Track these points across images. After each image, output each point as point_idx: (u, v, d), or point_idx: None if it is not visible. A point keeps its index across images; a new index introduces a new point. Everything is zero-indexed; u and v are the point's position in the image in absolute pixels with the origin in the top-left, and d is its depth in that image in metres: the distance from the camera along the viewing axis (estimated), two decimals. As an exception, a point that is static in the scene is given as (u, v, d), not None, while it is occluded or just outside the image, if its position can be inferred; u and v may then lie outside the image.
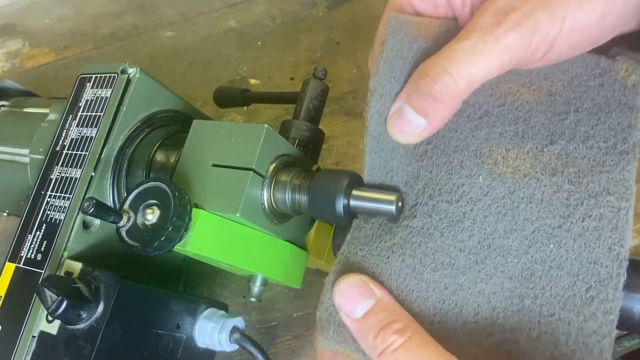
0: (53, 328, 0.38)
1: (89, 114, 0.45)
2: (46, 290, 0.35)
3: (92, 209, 0.34)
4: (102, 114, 0.44)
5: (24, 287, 0.41)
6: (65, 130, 0.45)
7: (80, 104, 0.46)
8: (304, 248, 0.45)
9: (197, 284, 0.58)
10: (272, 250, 0.42)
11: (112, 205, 0.44)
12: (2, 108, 0.58)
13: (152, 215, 0.36)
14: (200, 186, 0.39)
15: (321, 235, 0.47)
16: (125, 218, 0.36)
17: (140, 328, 0.39)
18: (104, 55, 0.83)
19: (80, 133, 0.45)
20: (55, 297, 0.35)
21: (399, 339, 0.29)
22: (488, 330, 0.31)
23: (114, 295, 0.37)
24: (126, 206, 0.37)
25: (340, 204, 0.35)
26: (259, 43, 0.78)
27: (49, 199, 0.43)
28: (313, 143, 0.45)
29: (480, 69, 0.31)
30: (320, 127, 0.46)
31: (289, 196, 0.39)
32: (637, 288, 0.33)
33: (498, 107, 0.35)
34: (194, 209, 0.37)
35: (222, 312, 0.44)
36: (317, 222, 0.46)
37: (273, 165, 0.39)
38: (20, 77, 0.81)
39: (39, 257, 0.41)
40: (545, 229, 0.32)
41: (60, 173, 0.44)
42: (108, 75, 0.46)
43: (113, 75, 0.45)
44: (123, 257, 0.42)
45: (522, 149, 0.34)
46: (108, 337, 0.37)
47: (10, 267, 0.42)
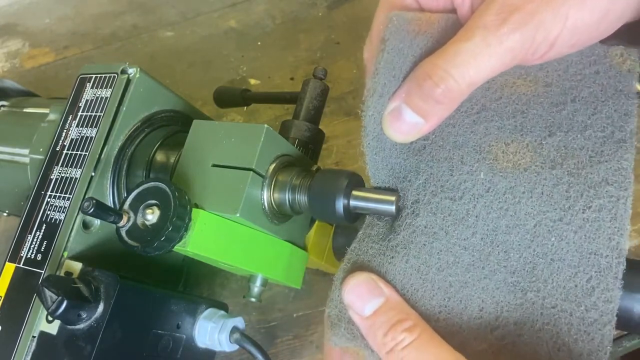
0: (53, 328, 0.38)
1: (89, 114, 0.45)
2: (46, 290, 0.35)
3: (92, 209, 0.34)
4: (102, 114, 0.44)
5: (24, 287, 0.41)
6: (65, 130, 0.45)
7: (80, 104, 0.46)
8: (304, 248, 0.45)
9: (197, 284, 0.58)
10: (272, 250, 0.42)
11: (112, 205, 0.44)
12: (2, 108, 0.58)
13: (152, 216, 0.36)
14: (200, 186, 0.39)
15: (321, 235, 0.47)
16: (125, 218, 0.36)
17: (140, 328, 0.39)
18: (104, 55, 0.83)
19: (80, 133, 0.45)
20: (55, 297, 0.35)
21: (408, 337, 0.29)
22: (492, 325, 0.31)
23: (114, 295, 0.37)
24: (126, 206, 0.37)
25: (340, 204, 0.35)
26: (259, 43, 0.78)
27: (49, 199, 0.43)
28: (313, 143, 0.45)
29: (483, 70, 0.31)
30: (320, 127, 0.46)
31: (289, 196, 0.39)
32: (637, 288, 0.33)
33: (495, 100, 0.35)
34: (194, 209, 0.37)
35: (222, 312, 0.44)
36: (317, 222, 0.46)
37: (273, 166, 0.39)
38: (20, 77, 0.81)
39: (39, 257, 0.41)
40: (546, 222, 0.32)
41: (60, 173, 0.44)
42: (108, 75, 0.46)
43: (113, 75, 0.45)
44: (123, 257, 0.42)
45: (522, 143, 0.34)
46: (108, 337, 0.37)
47: (10, 267, 0.42)
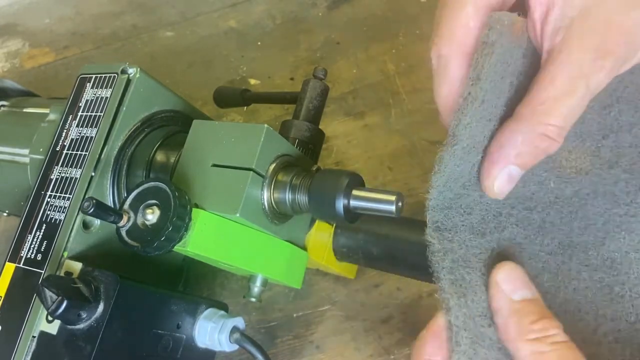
0: (53, 328, 0.38)
1: (89, 114, 0.45)
2: (46, 290, 0.35)
3: (92, 209, 0.34)
4: (102, 114, 0.44)
5: (24, 287, 0.41)
6: (65, 130, 0.45)
7: (80, 104, 0.46)
8: (304, 248, 0.45)
9: (197, 284, 0.58)
10: (272, 250, 0.42)
11: (112, 205, 0.44)
12: (2, 108, 0.58)
13: (152, 215, 0.36)
14: (200, 186, 0.39)
15: (321, 235, 0.47)
16: (125, 218, 0.36)
17: (140, 328, 0.39)
18: (104, 55, 0.83)
19: (80, 133, 0.45)
20: (55, 297, 0.35)
21: (561, 336, 0.29)
22: (593, 325, 0.32)
23: (114, 295, 0.37)
24: (126, 206, 0.37)
25: (340, 204, 0.35)
26: (259, 43, 0.78)
27: (49, 199, 0.43)
28: (313, 143, 0.45)
29: (581, 112, 0.31)
30: (320, 127, 0.46)
31: (289, 196, 0.39)
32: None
33: None
34: (194, 209, 0.37)
35: (222, 312, 0.44)
36: (317, 222, 0.46)
37: (273, 166, 0.39)
38: (20, 77, 0.81)
39: (39, 257, 0.41)
40: (613, 218, 0.34)
41: (60, 173, 0.44)
42: (108, 75, 0.46)
43: (113, 75, 0.45)
44: (123, 257, 0.42)
45: (582, 148, 0.35)
46: (108, 337, 0.37)
47: (10, 267, 0.42)
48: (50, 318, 0.38)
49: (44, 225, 0.42)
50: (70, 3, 0.91)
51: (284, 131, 0.45)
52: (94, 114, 0.45)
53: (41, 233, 0.42)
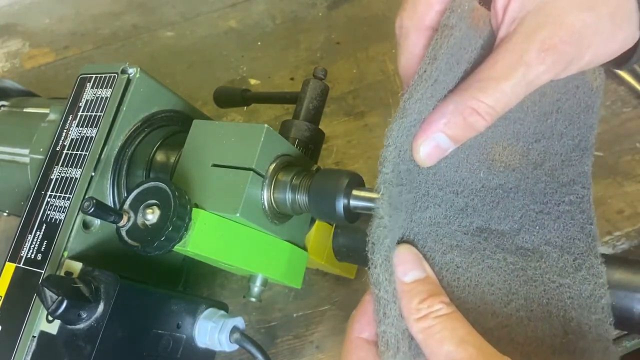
0: (53, 328, 0.38)
1: (89, 114, 0.45)
2: (46, 290, 0.35)
3: (92, 209, 0.34)
4: (102, 114, 0.44)
5: (24, 287, 0.41)
6: (65, 130, 0.45)
7: (80, 104, 0.46)
8: (304, 248, 0.45)
9: (197, 284, 0.58)
10: (272, 250, 0.42)
11: (112, 205, 0.44)
12: (2, 108, 0.58)
13: (152, 215, 0.36)
14: (200, 186, 0.39)
15: (321, 235, 0.47)
16: (125, 218, 0.36)
17: (140, 328, 0.39)
18: (104, 55, 0.83)
19: (80, 133, 0.45)
20: (55, 297, 0.35)
21: (444, 309, 0.31)
22: (505, 299, 0.34)
23: (114, 295, 0.37)
24: (126, 206, 0.37)
25: (340, 204, 0.35)
26: (259, 43, 0.78)
27: (49, 199, 0.43)
28: (313, 143, 0.45)
29: (518, 99, 0.32)
30: (320, 127, 0.46)
31: (289, 196, 0.39)
32: (636, 288, 0.33)
33: None
34: (194, 209, 0.37)
35: (222, 312, 0.44)
36: (317, 222, 0.46)
37: (273, 165, 0.39)
38: (20, 77, 0.81)
39: (39, 257, 0.41)
40: (530, 214, 0.37)
41: (60, 173, 0.44)
42: (108, 75, 0.46)
43: (113, 75, 0.45)
44: (123, 257, 0.42)
45: (515, 147, 0.38)
46: (108, 337, 0.37)
47: (10, 267, 0.42)
48: (50, 318, 0.38)
49: (44, 225, 0.42)
50: (70, 3, 0.91)
51: (284, 131, 0.45)
52: (94, 114, 0.45)
53: (41, 233, 0.42)
